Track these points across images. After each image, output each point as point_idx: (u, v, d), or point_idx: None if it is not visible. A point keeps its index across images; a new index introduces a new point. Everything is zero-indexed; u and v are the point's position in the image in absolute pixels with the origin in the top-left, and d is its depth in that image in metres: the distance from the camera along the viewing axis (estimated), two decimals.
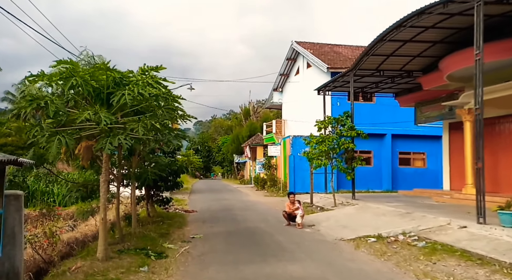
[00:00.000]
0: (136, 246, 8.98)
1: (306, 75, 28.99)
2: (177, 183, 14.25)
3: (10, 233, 4.97)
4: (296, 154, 24.51)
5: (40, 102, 6.82)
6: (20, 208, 5.18)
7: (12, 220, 5.03)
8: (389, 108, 24.71)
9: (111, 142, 6.78)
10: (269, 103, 36.16)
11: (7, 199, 5.04)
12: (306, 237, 10.52)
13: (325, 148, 15.02)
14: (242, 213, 15.85)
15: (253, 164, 40.48)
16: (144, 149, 11.77)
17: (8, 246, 4.89)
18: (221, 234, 11.00)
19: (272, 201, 21.39)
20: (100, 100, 7.72)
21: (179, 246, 9.39)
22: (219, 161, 69.11)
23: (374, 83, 19.16)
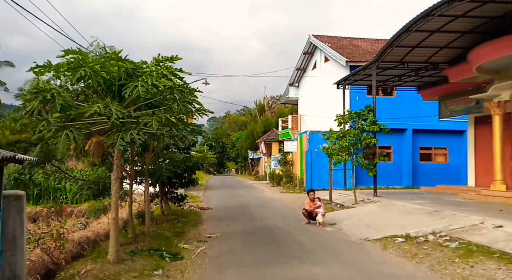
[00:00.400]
0: (150, 246, 8.52)
1: (324, 69, 28.27)
2: (192, 180, 13.79)
3: (11, 237, 4.51)
4: (313, 150, 23.90)
5: (46, 95, 6.37)
6: (21, 209, 4.71)
7: (12, 222, 4.56)
8: (410, 102, 23.92)
9: (123, 137, 6.30)
10: (284, 99, 35.49)
11: (7, 200, 4.58)
12: (329, 236, 9.95)
13: (346, 143, 14.39)
14: (259, 210, 15.34)
15: (268, 160, 39.93)
16: (158, 145, 11.34)
17: (8, 251, 4.44)
18: (238, 233, 10.50)
19: (288, 197, 20.83)
20: (112, 93, 7.26)
21: (195, 246, 8.92)
22: (233, 157, 68.75)
23: (396, 77, 18.40)
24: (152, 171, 9.93)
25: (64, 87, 7.05)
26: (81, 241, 10.48)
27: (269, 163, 39.44)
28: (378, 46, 27.43)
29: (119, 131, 6.41)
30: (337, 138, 14.84)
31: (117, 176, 7.31)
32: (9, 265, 4.42)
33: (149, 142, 6.68)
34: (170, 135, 12.25)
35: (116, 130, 6.50)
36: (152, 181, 11.68)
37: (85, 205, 18.98)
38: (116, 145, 6.22)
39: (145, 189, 10.24)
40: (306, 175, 24.12)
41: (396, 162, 24.40)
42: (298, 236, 10.01)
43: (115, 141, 6.25)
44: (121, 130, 6.43)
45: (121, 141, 6.25)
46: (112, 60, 6.97)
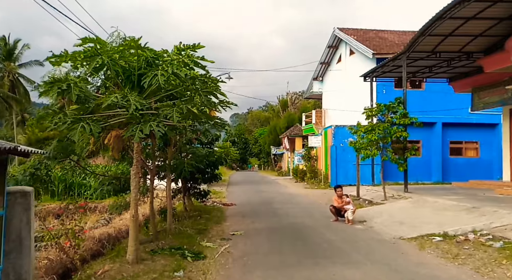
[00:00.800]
0: (171, 244, 8.16)
1: (349, 62, 27.47)
2: (215, 175, 13.40)
3: (16, 238, 4.15)
4: (338, 145, 23.23)
5: (62, 85, 6.03)
6: (28, 207, 4.33)
7: (18, 222, 4.20)
8: (440, 95, 22.96)
9: (142, 129, 5.91)
10: (308, 93, 34.76)
11: (12, 197, 4.21)
12: (360, 235, 9.39)
13: (375, 137, 13.72)
14: (283, 206, 14.86)
15: (291, 155, 39.36)
16: (180, 139, 10.99)
17: (13, 253, 4.08)
18: (263, 231, 10.05)
19: (313, 193, 20.27)
20: (131, 84, 6.89)
21: (218, 244, 8.51)
22: (256, 152, 68.42)
23: (427, 68, 17.52)
24: (174, 166, 9.54)
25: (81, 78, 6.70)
26: (102, 238, 10.23)
27: (292, 158, 38.86)
28: (406, 38, 26.44)
29: (138, 123, 6.03)
30: (365, 132, 14.19)
31: (136, 170, 6.95)
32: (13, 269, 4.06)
33: (170, 135, 6.29)
34: (192, 129, 11.98)
35: (135, 122, 6.12)
36: (174, 176, 11.37)
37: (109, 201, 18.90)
38: (135, 137, 5.85)
39: (167, 184, 9.89)
40: (331, 170, 23.47)
41: (425, 156, 23.46)
42: (327, 234, 9.49)
43: (134, 133, 5.88)
44: (140, 122, 6.05)
45: (140, 133, 5.88)
46: (131, 48, 6.59)
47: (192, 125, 11.48)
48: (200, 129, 12.39)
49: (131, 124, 6.16)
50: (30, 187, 5.95)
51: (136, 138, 5.83)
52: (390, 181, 20.78)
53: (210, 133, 12.75)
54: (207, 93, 7.03)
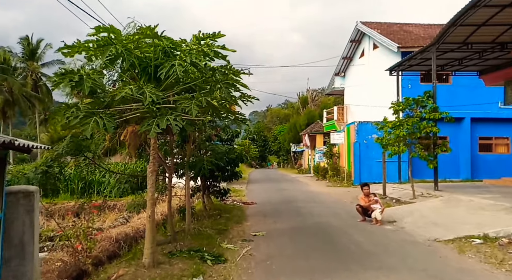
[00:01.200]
0: (190, 246, 7.73)
1: (372, 57, 26.66)
2: (236, 173, 12.93)
3: (18, 243, 3.75)
4: (362, 141, 22.52)
5: (74, 77, 5.63)
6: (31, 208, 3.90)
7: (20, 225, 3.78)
8: (468, 89, 22.01)
9: (158, 123, 5.47)
10: (330, 89, 33.99)
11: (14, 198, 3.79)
12: (391, 236, 8.79)
13: (403, 133, 13.03)
14: (306, 205, 14.29)
15: (312, 153, 38.67)
16: (199, 136, 10.57)
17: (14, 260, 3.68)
18: (287, 232, 9.54)
19: (336, 191, 19.62)
20: (147, 75, 6.46)
21: (240, 246, 8.04)
22: (275, 150, 67.84)
23: (457, 60, 16.68)
24: (192, 163, 9.09)
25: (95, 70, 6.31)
26: (119, 238, 9.87)
27: (313, 155, 38.17)
28: (432, 31, 25.50)
29: (154, 118, 5.59)
30: (393, 127, 13.49)
31: (153, 168, 6.52)
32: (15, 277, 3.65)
33: (188, 130, 5.84)
34: (212, 125, 11.54)
35: (151, 116, 5.68)
36: (193, 174, 10.97)
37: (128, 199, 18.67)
38: (151, 132, 5.41)
39: (185, 182, 9.46)
40: (354, 168, 22.77)
41: (453, 153, 22.34)
42: (355, 235, 8.91)
43: (149, 128, 5.44)
44: (156, 116, 5.61)
45: (156, 127, 5.44)
46: (147, 37, 6.16)
47: (212, 121, 11.09)
48: (219, 125, 11.96)
49: (146, 119, 5.73)
50: (42, 185, 5.59)
51: (152, 133, 5.39)
52: (416, 178, 19.91)
53: (230, 129, 12.31)
54: (227, 85, 6.54)
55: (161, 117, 5.53)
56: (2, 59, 45.31)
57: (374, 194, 11.05)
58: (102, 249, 9.22)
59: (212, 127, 11.28)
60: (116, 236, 10.20)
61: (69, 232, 6.46)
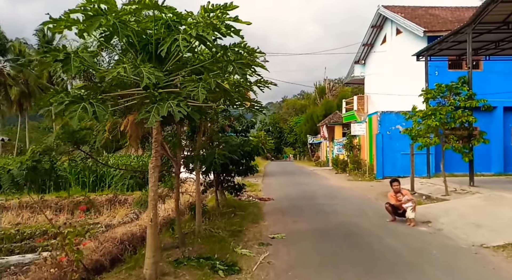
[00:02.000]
0: (200, 252, 6.79)
1: (395, 43, 25.22)
2: (251, 167, 11.89)
3: None
4: (385, 132, 21.27)
5: (58, 55, 4.67)
6: None
7: None
8: (501, 76, 20.49)
9: (158, 110, 4.48)
10: (349, 78, 32.55)
11: None
12: (428, 240, 7.69)
13: (436, 123, 11.82)
14: (328, 202, 13.20)
15: (330, 145, 37.42)
16: (211, 126, 9.56)
17: None
18: (309, 234, 8.50)
19: (358, 186, 18.45)
20: (148, 55, 5.45)
21: (256, 251, 7.05)
22: (291, 142, 66.54)
23: (493, 43, 15.30)
24: (202, 157, 8.07)
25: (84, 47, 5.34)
26: (124, 239, 8.99)
27: (331, 147, 36.92)
28: (460, 14, 23.96)
29: (154, 103, 4.59)
30: (424, 117, 12.29)
31: (155, 163, 5.54)
32: None
33: (194, 117, 4.84)
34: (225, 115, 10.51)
35: (150, 101, 4.68)
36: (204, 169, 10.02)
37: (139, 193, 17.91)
38: (149, 120, 4.41)
39: (196, 178, 8.48)
40: (376, 161, 21.54)
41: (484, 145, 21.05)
42: (387, 239, 7.83)
43: (148, 116, 4.44)
44: (156, 101, 4.61)
45: (155, 115, 4.44)
46: (146, 8, 5.13)
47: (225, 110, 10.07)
48: (233, 114, 10.94)
49: (145, 105, 4.73)
50: (31, 183, 4.67)
51: (151, 122, 4.39)
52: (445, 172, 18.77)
53: (245, 119, 11.28)
54: (241, 65, 5.48)
55: (161, 103, 4.53)
56: (18, 50, 45.05)
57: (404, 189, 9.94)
58: (104, 252, 8.34)
59: (225, 117, 10.26)
60: (121, 237, 9.31)
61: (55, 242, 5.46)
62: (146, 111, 4.48)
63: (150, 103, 4.58)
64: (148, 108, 4.49)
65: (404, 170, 20.29)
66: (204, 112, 7.65)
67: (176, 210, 7.30)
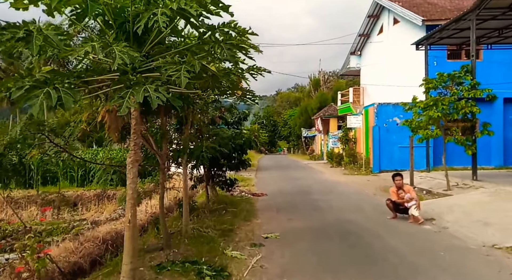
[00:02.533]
0: (186, 254, 6.18)
1: (392, 33, 24.59)
2: (243, 161, 11.27)
3: None
4: (382, 125, 20.72)
5: (18, 32, 4.00)
6: None
7: None
8: (501, 66, 19.97)
9: (133, 95, 3.83)
10: (345, 69, 31.89)
11: None
12: (434, 240, 7.13)
13: (438, 114, 11.25)
14: (324, 197, 12.63)
15: (325, 138, 36.89)
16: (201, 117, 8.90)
17: None
18: (305, 233, 7.91)
19: (355, 180, 17.91)
20: (125, 34, 4.78)
21: (248, 253, 6.45)
22: (285, 135, 65.95)
23: (497, 30, 14.68)
24: (190, 150, 7.39)
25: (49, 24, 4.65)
26: (107, 239, 8.40)
27: (326, 141, 36.40)
28: (459, 3, 23.36)
29: (128, 88, 3.94)
30: (425, 108, 11.72)
31: (134, 158, 4.89)
32: None
33: (175, 104, 4.20)
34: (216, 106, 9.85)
35: (124, 86, 4.02)
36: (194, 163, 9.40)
37: None
38: (122, 108, 3.76)
39: (183, 174, 7.83)
40: (373, 154, 20.99)
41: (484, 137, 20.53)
42: (390, 239, 7.26)
43: (121, 102, 3.79)
44: (130, 86, 3.96)
45: (129, 101, 3.79)
46: None
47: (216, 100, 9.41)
48: (225, 105, 10.29)
49: (118, 90, 4.07)
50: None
51: (124, 110, 3.73)
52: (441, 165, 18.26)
53: (236, 110, 10.62)
54: (231, 46, 4.83)
55: (137, 87, 3.88)
56: None
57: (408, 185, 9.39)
58: (84, 253, 7.75)
59: (216, 108, 9.59)
60: (104, 236, 8.71)
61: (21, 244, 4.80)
62: (119, 97, 3.83)
63: (124, 88, 3.92)
64: (122, 94, 3.84)
65: (401, 164, 19.78)
66: (191, 102, 7.02)
67: (160, 208, 6.67)
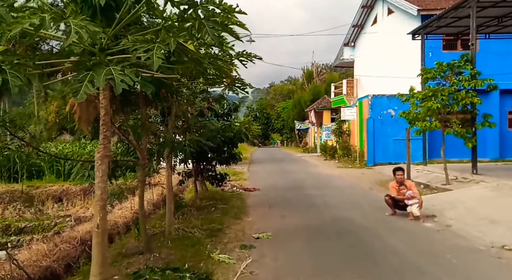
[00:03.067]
0: (168, 259, 5.60)
1: (387, 23, 23.99)
2: (234, 155, 10.67)
3: None
4: (376, 117, 20.19)
5: None
6: None
7: None
8: (497, 57, 19.46)
9: (94, 79, 3.20)
10: (338, 61, 31.24)
11: None
12: (437, 239, 6.61)
13: (438, 105, 10.72)
14: (319, 192, 12.09)
15: (319, 130, 36.38)
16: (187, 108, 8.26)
17: None
18: (299, 232, 7.35)
19: (349, 174, 17.39)
20: (90, 9, 4.13)
21: (237, 257, 5.88)
22: (278, 128, 65.42)
23: (496, 18, 14.15)
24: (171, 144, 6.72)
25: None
26: (86, 239, 7.79)
27: (319, 133, 35.89)
28: None
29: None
30: (424, 99, 11.18)
31: (103, 153, 4.27)
32: None
33: (146, 90, 3.61)
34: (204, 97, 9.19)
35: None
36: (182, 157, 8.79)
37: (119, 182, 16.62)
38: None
39: (166, 171, 7.18)
40: (367, 147, 20.48)
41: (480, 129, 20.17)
42: (391, 239, 6.72)
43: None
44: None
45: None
46: None
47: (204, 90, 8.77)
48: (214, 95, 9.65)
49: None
50: None
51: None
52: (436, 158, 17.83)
53: (226, 100, 9.99)
54: (214, 24, 4.20)
55: (99, 69, 3.25)
56: None
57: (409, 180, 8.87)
58: (59, 256, 7.15)
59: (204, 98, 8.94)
60: (82, 236, 8.12)
61: None
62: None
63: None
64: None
65: (396, 156, 19.32)
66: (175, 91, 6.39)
67: (140, 209, 6.05)
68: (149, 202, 11.54)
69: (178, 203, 9.06)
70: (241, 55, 5.48)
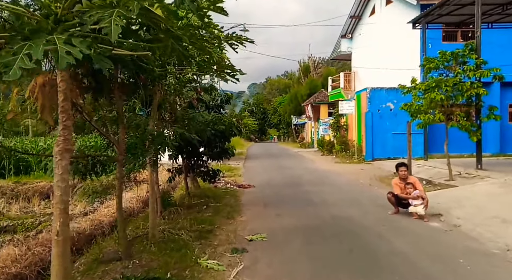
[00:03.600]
0: (149, 266, 4.95)
1: (385, 14, 23.34)
2: (226, 150, 10.02)
3: None
4: (375, 111, 19.57)
5: None
6: None
7: None
8: (499, 48, 18.79)
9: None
10: (335, 53, 30.54)
11: None
12: (446, 242, 5.99)
13: (441, 96, 10.10)
14: (316, 189, 11.47)
15: (316, 125, 35.76)
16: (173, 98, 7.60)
17: None
18: (296, 233, 6.72)
19: (347, 169, 16.79)
20: None
21: (227, 262, 5.25)
22: (275, 123, 64.78)
23: (500, 6, 13.51)
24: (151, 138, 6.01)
25: None
26: None
27: (316, 128, 35.27)
28: None
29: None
30: (427, 90, 10.55)
31: (63, 146, 3.61)
32: None
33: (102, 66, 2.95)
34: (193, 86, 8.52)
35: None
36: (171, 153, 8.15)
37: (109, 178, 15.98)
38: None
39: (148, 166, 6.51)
40: (366, 141, 19.88)
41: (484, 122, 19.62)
42: (395, 240, 6.10)
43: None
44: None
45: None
46: None
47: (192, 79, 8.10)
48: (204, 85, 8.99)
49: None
50: None
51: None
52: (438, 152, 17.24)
53: (216, 91, 9.33)
54: None
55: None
56: None
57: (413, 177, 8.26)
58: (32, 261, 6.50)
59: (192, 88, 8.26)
60: None
61: None
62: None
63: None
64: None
65: (395, 151, 18.77)
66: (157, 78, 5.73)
67: (118, 210, 5.39)
68: (138, 199, 10.92)
69: (166, 201, 8.42)
70: (230, 37, 4.88)
